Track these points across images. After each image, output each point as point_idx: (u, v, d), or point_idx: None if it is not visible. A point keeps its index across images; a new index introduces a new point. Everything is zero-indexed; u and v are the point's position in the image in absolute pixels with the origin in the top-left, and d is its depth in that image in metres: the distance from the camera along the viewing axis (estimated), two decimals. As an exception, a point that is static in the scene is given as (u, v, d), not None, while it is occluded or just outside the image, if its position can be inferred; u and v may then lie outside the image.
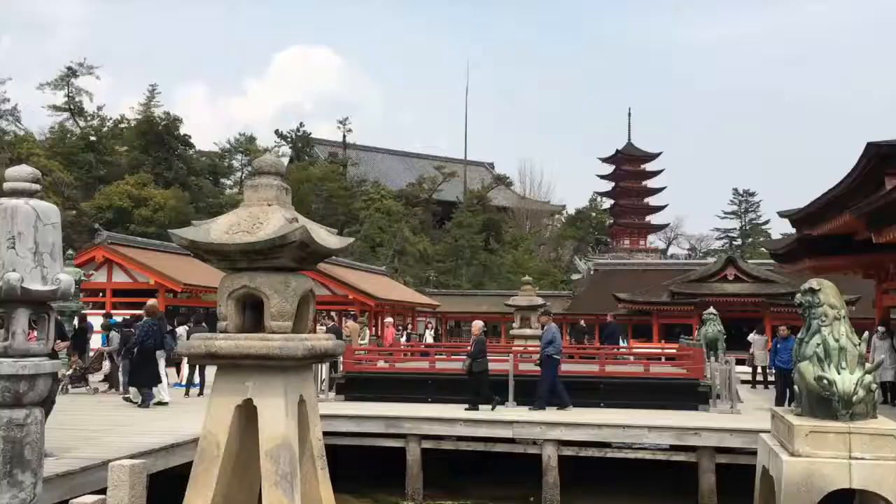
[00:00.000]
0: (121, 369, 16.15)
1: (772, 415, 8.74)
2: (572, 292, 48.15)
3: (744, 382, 19.62)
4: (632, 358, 21.98)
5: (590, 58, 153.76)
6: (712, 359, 15.96)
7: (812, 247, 17.54)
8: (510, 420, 13.28)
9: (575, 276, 54.47)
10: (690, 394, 14.73)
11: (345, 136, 73.50)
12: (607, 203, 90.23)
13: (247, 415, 6.51)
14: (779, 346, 15.63)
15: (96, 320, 20.49)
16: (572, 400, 14.30)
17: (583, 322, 31.55)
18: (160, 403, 14.50)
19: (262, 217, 6.45)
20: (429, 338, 36.23)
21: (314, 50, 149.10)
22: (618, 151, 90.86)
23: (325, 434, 7.63)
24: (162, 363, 15.00)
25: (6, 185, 6.33)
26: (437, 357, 17.82)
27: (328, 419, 11.89)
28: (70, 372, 16.65)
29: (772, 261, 26.79)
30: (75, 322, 18.19)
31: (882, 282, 18.92)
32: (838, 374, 7.37)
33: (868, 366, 7.57)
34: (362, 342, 21.40)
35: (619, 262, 53.47)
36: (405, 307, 41.41)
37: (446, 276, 58.12)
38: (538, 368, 14.66)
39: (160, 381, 14.69)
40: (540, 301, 27.95)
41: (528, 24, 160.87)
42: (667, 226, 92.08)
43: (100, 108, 56.43)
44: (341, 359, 15.51)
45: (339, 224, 52.22)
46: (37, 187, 6.44)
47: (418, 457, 13.32)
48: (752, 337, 22.07)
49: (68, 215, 39.33)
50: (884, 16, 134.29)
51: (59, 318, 9.76)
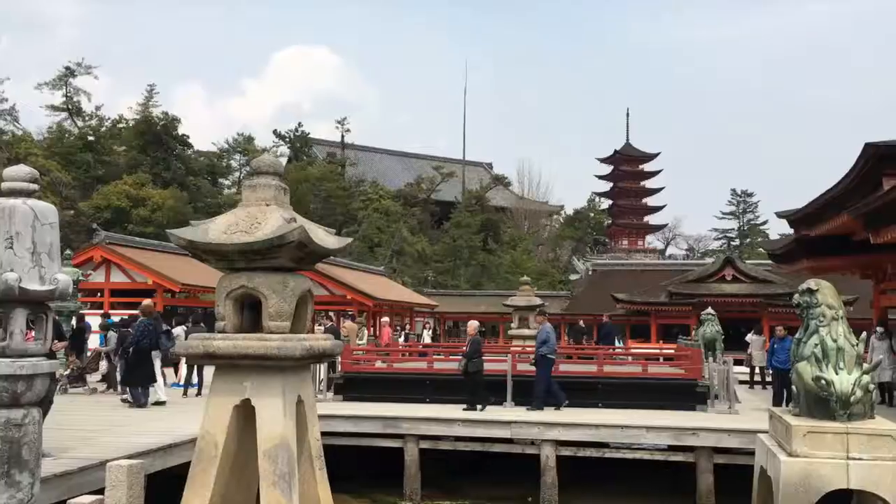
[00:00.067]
0: (118, 369, 16.15)
1: (770, 415, 8.75)
2: (570, 293, 48.18)
3: (742, 383, 19.62)
4: (630, 358, 21.99)
5: (588, 58, 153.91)
6: (710, 359, 15.96)
7: (810, 247, 17.56)
8: (508, 420, 13.28)
9: (573, 277, 54.51)
10: (688, 394, 14.74)
11: (343, 137, 73.51)
12: (605, 203, 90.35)
13: (245, 415, 6.51)
14: (775, 346, 15.62)
15: (94, 320, 20.47)
16: (571, 400, 14.32)
17: (582, 322, 31.55)
18: (158, 403, 14.51)
19: (260, 217, 6.45)
20: (426, 338, 36.21)
21: (313, 50, 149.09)
22: (616, 152, 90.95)
23: (323, 434, 7.64)
24: (157, 363, 14.99)
25: (4, 185, 6.33)
26: (435, 357, 17.82)
27: (326, 419, 11.89)
28: (68, 372, 16.64)
29: (770, 261, 26.86)
30: (73, 322, 18.18)
31: (880, 282, 18.94)
32: (836, 374, 7.38)
33: (866, 366, 7.58)
34: (360, 342, 21.38)
35: (618, 263, 53.49)
36: (403, 307, 41.40)
37: (444, 277, 58.11)
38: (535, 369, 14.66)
39: (155, 381, 14.70)
40: (538, 301, 27.93)
41: (527, 25, 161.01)
42: (665, 226, 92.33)
43: (98, 108, 56.53)
44: (339, 359, 15.51)
45: (337, 224, 52.20)
46: (35, 187, 6.43)
47: (416, 457, 13.32)
48: (750, 337, 22.06)
49: (66, 215, 39.27)
50: (883, 16, 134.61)
51: (56, 318, 9.76)
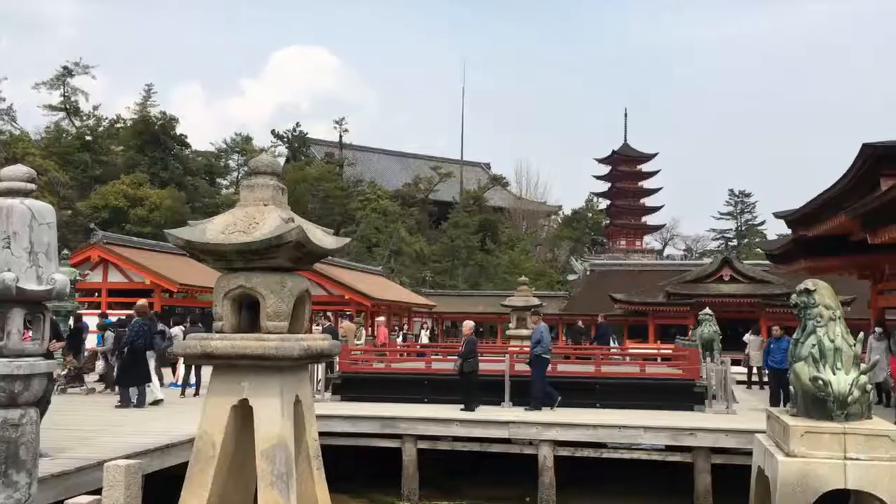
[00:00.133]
0: (116, 369, 16.16)
1: (767, 415, 8.76)
2: (568, 293, 48.20)
3: (739, 383, 19.63)
4: (628, 358, 21.99)
5: (586, 58, 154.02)
6: (708, 359, 15.97)
7: (807, 247, 17.59)
8: (506, 420, 13.28)
9: (571, 277, 54.56)
10: (686, 394, 14.75)
11: (341, 137, 73.45)
12: (604, 204, 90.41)
13: (243, 415, 6.51)
14: (771, 346, 15.63)
15: (92, 320, 20.44)
16: (569, 401, 14.34)
17: (580, 323, 31.56)
18: (155, 402, 14.52)
19: (258, 217, 6.45)
20: (424, 338, 36.23)
21: (311, 50, 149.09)
22: (614, 152, 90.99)
23: (321, 434, 7.63)
24: (152, 363, 15.01)
25: (1, 185, 6.32)
26: (432, 357, 17.82)
27: (324, 419, 11.88)
28: (65, 372, 16.62)
29: (767, 261, 26.91)
30: (70, 322, 18.16)
31: (877, 282, 18.96)
32: (833, 374, 7.39)
33: (863, 366, 7.59)
34: (358, 342, 21.38)
35: (616, 263, 53.51)
36: (401, 307, 41.38)
37: (442, 277, 58.09)
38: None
39: (150, 381, 14.70)
40: (536, 301, 27.93)
41: (525, 25, 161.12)
42: (663, 226, 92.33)
43: (96, 108, 56.37)
44: (337, 359, 15.51)
45: (335, 224, 52.17)
46: (32, 187, 6.42)
47: (414, 457, 13.32)
48: (747, 337, 22.07)
49: (64, 215, 39.17)
50: (882, 16, 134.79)
51: (54, 318, 9.75)
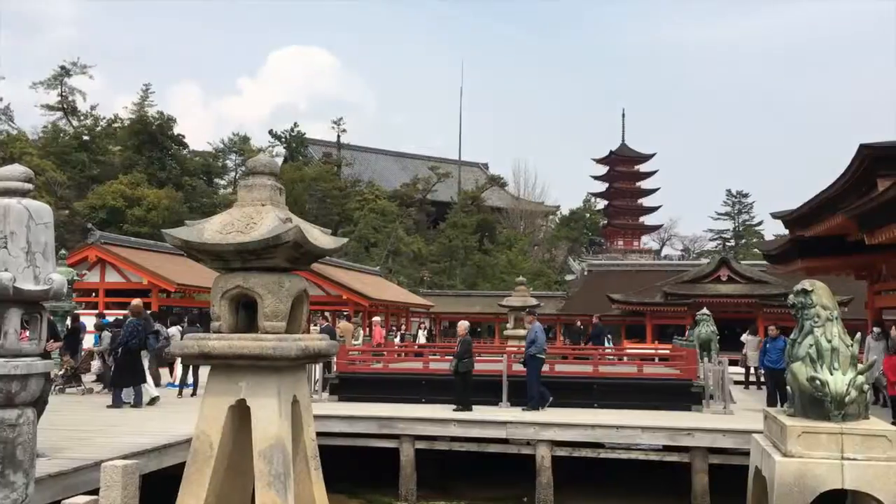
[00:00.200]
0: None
1: (764, 415, 8.77)
2: (566, 293, 48.23)
3: (737, 383, 19.67)
4: (625, 359, 22.01)
5: (584, 58, 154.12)
6: (705, 359, 15.98)
7: (805, 248, 17.60)
8: (504, 421, 13.28)
9: (569, 277, 54.58)
10: (683, 394, 14.76)
11: (339, 137, 73.50)
12: (601, 204, 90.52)
13: (240, 415, 6.50)
14: (767, 345, 15.63)
15: (89, 320, 20.43)
16: (567, 401, 14.38)
17: (579, 323, 31.58)
18: (152, 400, 14.53)
19: (255, 217, 6.44)
20: (421, 338, 36.22)
21: (309, 50, 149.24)
22: (612, 152, 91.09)
23: (319, 434, 7.62)
24: (146, 363, 15.02)
25: (-1, 185, 6.31)
26: (430, 358, 17.81)
27: (322, 420, 11.86)
28: (62, 372, 16.60)
29: (765, 262, 26.90)
30: (68, 322, 18.14)
31: (874, 283, 18.98)
32: (831, 374, 7.39)
33: (860, 366, 7.60)
34: (356, 342, 21.37)
35: (613, 263, 53.52)
36: (399, 308, 41.38)
37: (440, 277, 58.10)
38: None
39: (145, 381, 14.71)
40: (534, 301, 27.97)
41: (523, 25, 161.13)
42: (660, 227, 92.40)
43: (93, 108, 56.33)
44: (335, 359, 15.50)
45: (333, 224, 52.15)
46: (29, 186, 6.41)
47: (412, 457, 13.32)
48: (745, 337, 22.09)
49: (61, 215, 39.17)
50: (879, 16, 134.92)
51: (51, 318, 9.73)
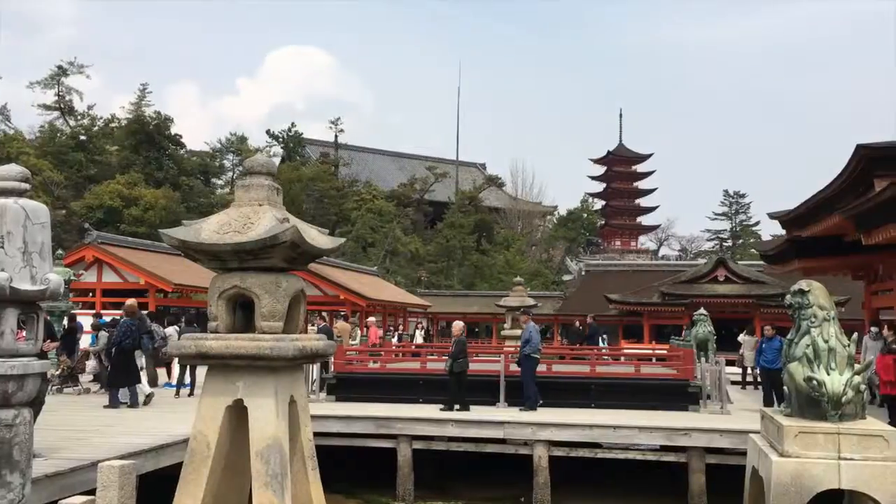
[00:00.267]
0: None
1: (761, 415, 8.77)
2: (563, 293, 48.25)
3: (734, 383, 19.68)
4: (623, 359, 22.02)
5: (581, 58, 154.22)
6: (702, 360, 16.00)
7: (802, 248, 17.62)
8: (501, 421, 13.29)
9: (566, 277, 54.63)
10: (681, 394, 14.78)
11: (336, 137, 73.51)
12: (599, 204, 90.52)
13: (237, 415, 6.49)
14: (763, 345, 15.66)
15: (86, 320, 20.38)
16: (564, 401, 14.42)
17: (578, 323, 31.55)
18: (147, 398, 14.53)
19: (253, 217, 6.43)
20: (419, 338, 36.20)
21: (306, 50, 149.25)
22: (609, 153, 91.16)
23: (316, 435, 7.62)
24: (140, 363, 15.03)
25: (-5, 185, 6.30)
26: (428, 358, 17.80)
27: (319, 420, 11.88)
28: (59, 372, 16.57)
29: (762, 262, 26.91)
30: (65, 322, 18.10)
31: (871, 283, 19.02)
32: (828, 375, 7.40)
33: (857, 366, 7.61)
34: (353, 343, 21.36)
35: (611, 263, 53.53)
36: (396, 308, 41.35)
37: (438, 277, 58.11)
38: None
39: (139, 381, 14.71)
40: (532, 301, 28.03)
41: (521, 25, 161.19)
42: (658, 227, 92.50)
43: (90, 108, 56.23)
44: (332, 359, 15.50)
45: (330, 224, 52.11)
46: (26, 186, 6.41)
47: (409, 457, 13.32)
48: (742, 338, 22.11)
49: (58, 215, 39.10)
50: (879, 17, 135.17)
51: (48, 318, 9.71)
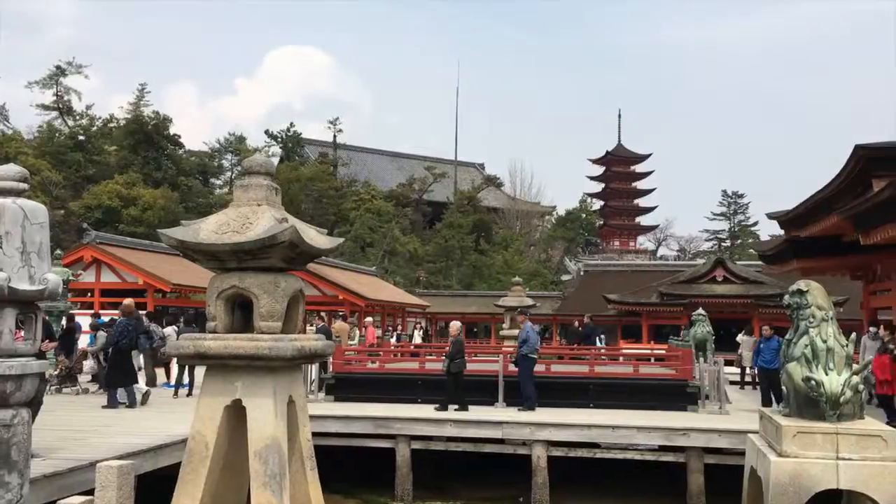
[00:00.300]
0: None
1: (760, 415, 8.78)
2: (562, 293, 48.25)
3: (732, 383, 19.68)
4: (621, 359, 22.03)
5: (580, 58, 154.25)
6: (701, 360, 16.00)
7: (800, 248, 17.62)
8: (499, 421, 13.29)
9: (565, 277, 54.66)
10: (679, 395, 14.78)
11: (335, 137, 73.52)
12: (597, 204, 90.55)
13: (236, 415, 6.49)
14: (761, 345, 15.65)
15: (84, 320, 20.36)
16: (562, 401, 14.41)
17: (577, 323, 31.54)
18: (145, 396, 14.55)
19: (251, 217, 6.43)
20: (417, 338, 36.17)
21: (305, 50, 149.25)
22: (608, 153, 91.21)
23: (315, 435, 7.62)
24: (139, 363, 15.04)
25: (-7, 184, 6.29)
26: (426, 358, 17.79)
27: (317, 420, 11.88)
28: (56, 372, 16.56)
29: (760, 262, 26.94)
30: (63, 322, 18.10)
31: (869, 283, 19.03)
32: (826, 375, 7.41)
33: (855, 367, 7.61)
34: (352, 343, 21.34)
35: (609, 263, 53.52)
36: (395, 308, 41.35)
37: (436, 277, 58.11)
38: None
39: (136, 381, 14.72)
40: (530, 301, 28.03)
41: (519, 25, 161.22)
42: (656, 227, 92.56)
43: (88, 108, 56.28)
44: (331, 359, 15.49)
45: (329, 224, 52.15)
46: (24, 186, 6.40)
47: (408, 457, 13.31)
48: (740, 338, 22.13)
49: (56, 215, 39.08)
50: (879, 16, 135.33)
51: (46, 318, 9.71)
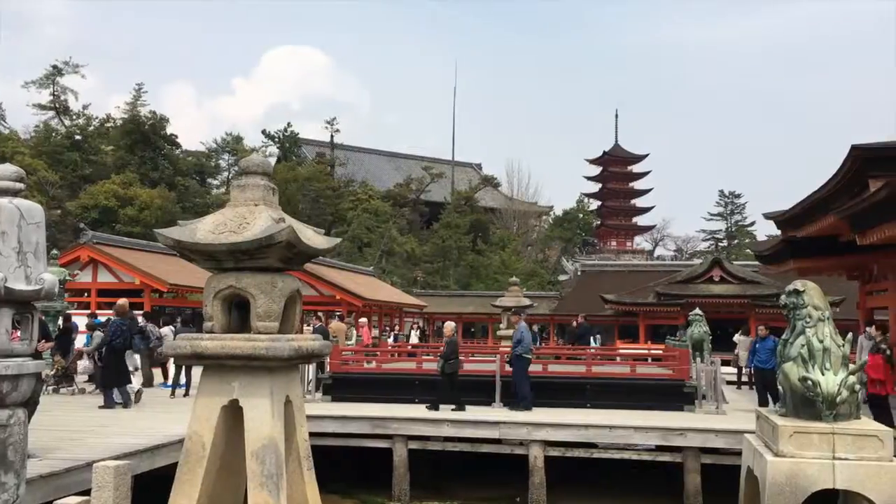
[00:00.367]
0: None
1: (756, 415, 8.80)
2: (559, 293, 48.23)
3: (729, 383, 19.70)
4: (618, 359, 22.04)
5: (577, 58, 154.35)
6: (698, 360, 16.02)
7: (797, 248, 17.64)
8: (496, 421, 13.29)
9: (562, 277, 54.60)
10: (676, 394, 14.80)
11: (332, 137, 73.40)
12: (594, 204, 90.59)
13: (233, 415, 6.49)
14: (757, 345, 15.67)
15: (81, 320, 20.34)
16: (560, 401, 14.43)
17: (575, 323, 31.54)
18: (138, 395, 14.57)
19: (248, 217, 6.43)
20: (414, 338, 36.17)
21: (302, 50, 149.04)
22: (605, 153, 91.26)
23: (312, 435, 7.62)
24: (135, 363, 15.03)
25: (-10, 184, 6.28)
26: (423, 358, 17.80)
27: (315, 420, 11.87)
28: (53, 372, 16.54)
29: (757, 262, 26.97)
30: (60, 322, 18.06)
31: (866, 283, 19.06)
32: (822, 375, 7.42)
33: (852, 367, 7.63)
34: (349, 343, 21.34)
35: (606, 263, 53.51)
36: (392, 308, 41.33)
37: (434, 277, 58.10)
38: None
39: (130, 382, 14.72)
40: (527, 302, 28.01)
41: (516, 25, 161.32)
42: (653, 227, 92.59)
43: (85, 107, 56.20)
44: (328, 359, 15.49)
45: (326, 224, 52.11)
46: (21, 186, 6.39)
47: (405, 457, 13.31)
48: (737, 338, 22.14)
49: (53, 215, 39.00)
50: (879, 17, 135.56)
51: (42, 318, 9.70)
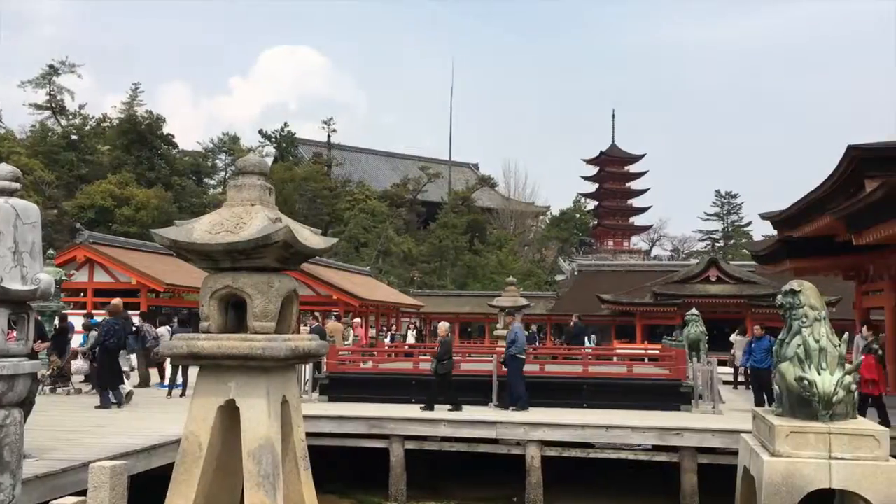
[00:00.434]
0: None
1: (753, 415, 8.81)
2: (556, 293, 48.28)
3: (726, 383, 19.73)
4: (615, 359, 22.05)
5: (574, 59, 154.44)
6: (694, 360, 16.04)
7: (793, 248, 17.69)
8: (493, 421, 13.30)
9: (559, 277, 54.72)
10: (673, 394, 14.82)
11: (329, 137, 73.36)
12: (591, 204, 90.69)
13: (229, 415, 6.48)
14: (752, 345, 15.69)
15: (77, 320, 20.29)
16: (556, 401, 14.43)
17: (572, 323, 31.54)
18: (128, 396, 14.55)
19: (245, 217, 6.42)
20: (411, 338, 36.19)
21: (299, 49, 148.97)
22: (602, 153, 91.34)
23: (309, 435, 7.61)
24: (131, 363, 15.01)
25: (-15, 184, 6.26)
26: (420, 358, 17.80)
27: (311, 420, 11.86)
28: (49, 372, 16.51)
29: (753, 262, 27.01)
30: (56, 322, 18.02)
31: (862, 283, 19.12)
32: (818, 374, 7.44)
33: (848, 366, 7.64)
34: (346, 343, 21.33)
35: (603, 263, 53.54)
36: (389, 308, 41.31)
37: (431, 277, 58.09)
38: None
39: (123, 382, 14.70)
40: (524, 302, 28.03)
41: (514, 26, 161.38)
42: (650, 227, 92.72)
43: (82, 107, 55.96)
44: (325, 359, 15.48)
45: (323, 224, 52.07)
46: (17, 186, 6.37)
47: (402, 457, 13.31)
48: (734, 338, 22.15)
49: (49, 214, 38.93)
50: (879, 17, 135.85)
51: (38, 318, 9.68)
